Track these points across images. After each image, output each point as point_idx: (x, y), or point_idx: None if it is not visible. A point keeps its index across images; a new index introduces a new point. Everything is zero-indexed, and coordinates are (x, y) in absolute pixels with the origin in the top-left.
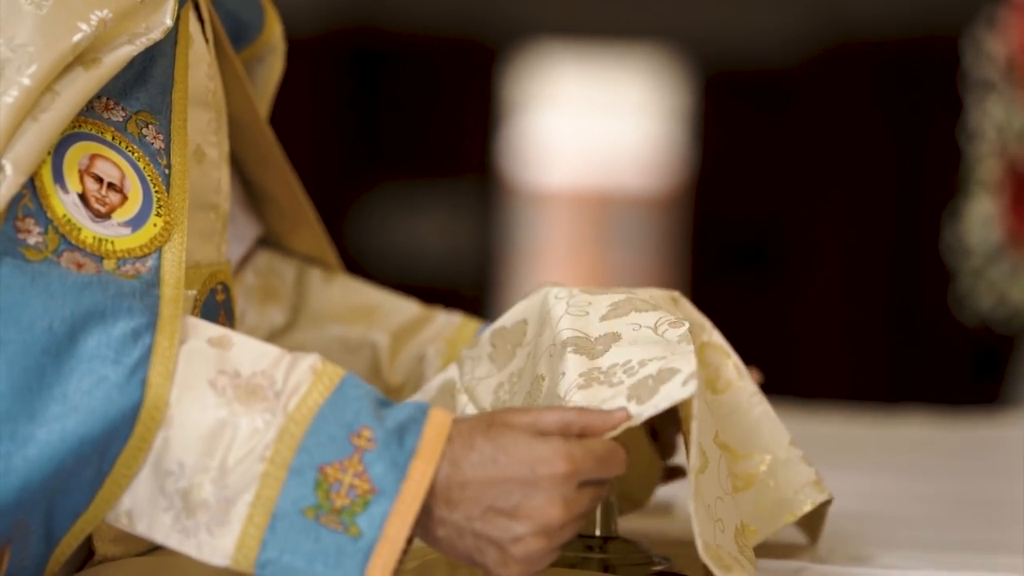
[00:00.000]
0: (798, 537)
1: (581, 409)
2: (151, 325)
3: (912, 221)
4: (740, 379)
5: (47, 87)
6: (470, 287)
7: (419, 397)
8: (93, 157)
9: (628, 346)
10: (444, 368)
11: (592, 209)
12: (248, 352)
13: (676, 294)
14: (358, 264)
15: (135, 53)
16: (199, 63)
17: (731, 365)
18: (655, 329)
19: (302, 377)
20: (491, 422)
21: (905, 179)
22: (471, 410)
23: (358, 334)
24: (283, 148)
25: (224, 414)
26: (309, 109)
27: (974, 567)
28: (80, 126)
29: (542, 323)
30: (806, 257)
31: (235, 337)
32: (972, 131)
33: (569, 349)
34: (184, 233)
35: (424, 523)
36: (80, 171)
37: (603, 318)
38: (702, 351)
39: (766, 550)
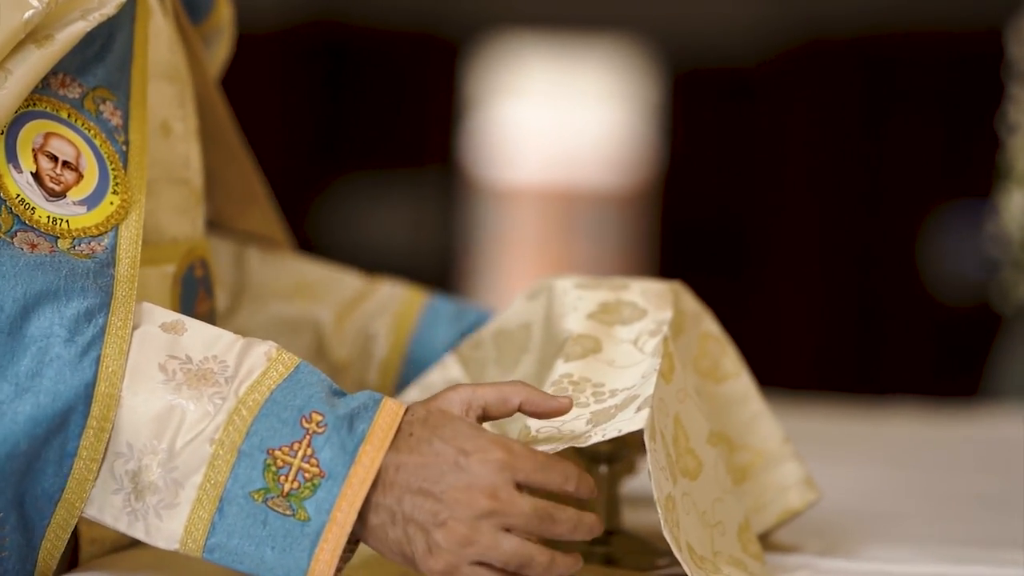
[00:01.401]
0: (795, 532)
1: (522, 384)
2: (105, 306)
3: (881, 216)
4: (738, 372)
5: None
6: (432, 282)
7: (420, 395)
8: (48, 136)
9: (606, 366)
10: (396, 345)
11: (558, 204)
12: (201, 337)
13: (677, 286)
14: (321, 256)
15: (88, 29)
16: (159, 36)
17: (729, 357)
18: (635, 343)
19: (255, 363)
20: (429, 410)
21: (874, 175)
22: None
23: (299, 311)
24: (242, 132)
25: (173, 397)
26: (273, 102)
27: (975, 561)
28: (34, 104)
29: (547, 329)
30: (774, 254)
31: (188, 322)
32: (1011, 123)
33: (560, 353)
34: (142, 212)
35: (361, 511)
36: (34, 150)
37: (590, 315)
38: (701, 341)
39: (764, 546)
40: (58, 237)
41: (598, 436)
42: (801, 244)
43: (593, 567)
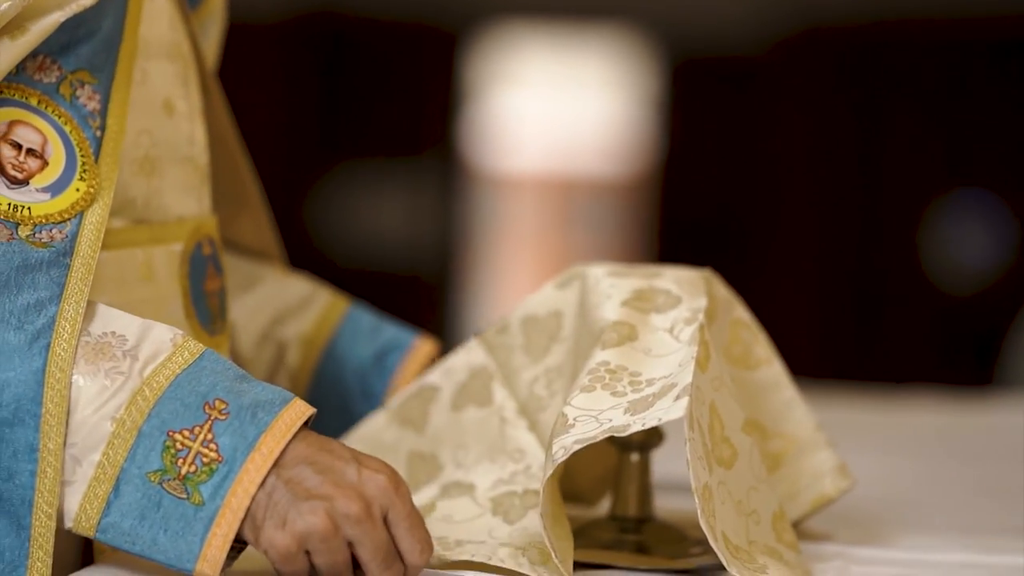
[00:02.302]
0: (825, 521)
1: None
2: (56, 297)
3: (882, 206)
4: (769, 358)
5: None
6: (430, 272)
7: (443, 378)
8: (13, 123)
9: (642, 354)
10: (307, 357)
11: (556, 194)
12: (102, 316)
13: (708, 273)
14: (316, 246)
15: (63, 19)
16: (159, 16)
17: (760, 344)
18: (671, 331)
19: (160, 347)
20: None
21: (875, 164)
22: (510, 404)
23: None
24: (238, 127)
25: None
26: (272, 91)
27: (1004, 551)
28: (1, 92)
29: (581, 318)
30: (774, 243)
31: (98, 306)
32: None
33: (598, 342)
34: (109, 200)
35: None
36: None
37: (624, 303)
38: (733, 328)
39: (797, 534)
40: (18, 224)
41: (638, 426)
42: (801, 234)
43: (625, 555)
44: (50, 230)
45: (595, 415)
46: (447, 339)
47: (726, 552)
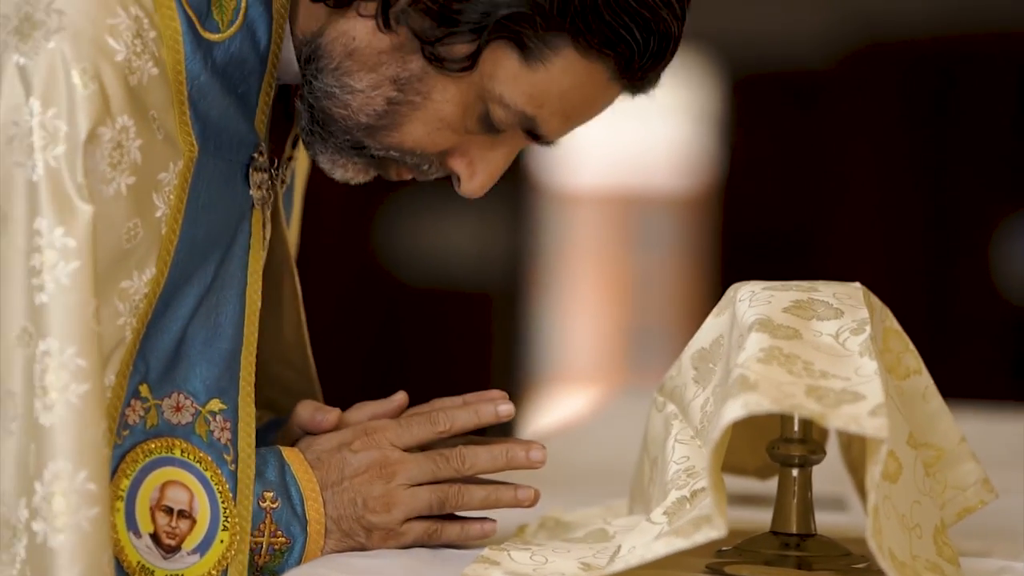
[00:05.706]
0: (981, 536)
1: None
2: None
3: (946, 221)
4: (919, 368)
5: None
6: (498, 289)
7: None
8: (164, 486)
9: (811, 348)
10: None
11: (622, 211)
12: None
13: (859, 285)
14: (383, 265)
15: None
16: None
17: (911, 353)
18: (836, 337)
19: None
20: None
21: (938, 180)
22: (686, 431)
23: None
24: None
25: None
26: None
27: None
28: (150, 453)
29: (733, 329)
30: (839, 260)
31: None
32: None
33: (753, 329)
34: (247, 538)
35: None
36: (151, 508)
37: (785, 310)
38: (885, 337)
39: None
40: None
41: (836, 423)
42: (867, 250)
43: (788, 571)
44: None
45: (775, 385)
46: (515, 356)
47: (893, 569)
